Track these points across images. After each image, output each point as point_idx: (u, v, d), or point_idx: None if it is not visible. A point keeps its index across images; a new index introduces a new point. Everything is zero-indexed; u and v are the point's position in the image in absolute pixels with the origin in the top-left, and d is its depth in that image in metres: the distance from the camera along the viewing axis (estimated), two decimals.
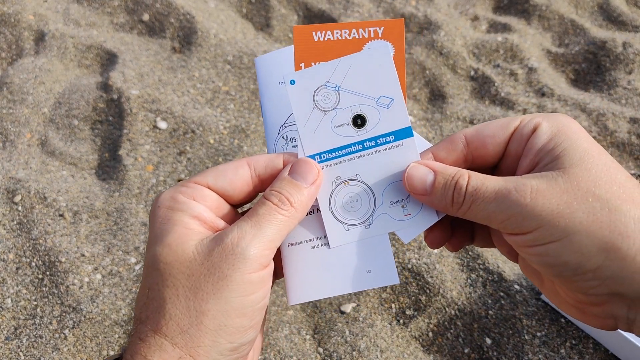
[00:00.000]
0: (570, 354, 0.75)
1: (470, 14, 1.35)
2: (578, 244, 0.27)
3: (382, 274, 0.34)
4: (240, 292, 0.29)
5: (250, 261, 0.30)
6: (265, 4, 1.33)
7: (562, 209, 0.28)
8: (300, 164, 0.34)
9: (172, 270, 0.30)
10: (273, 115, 0.38)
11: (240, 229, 0.30)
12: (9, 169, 0.95)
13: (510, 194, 0.29)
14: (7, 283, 0.81)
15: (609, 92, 1.14)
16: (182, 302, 0.29)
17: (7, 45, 1.19)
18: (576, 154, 0.29)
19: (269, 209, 0.32)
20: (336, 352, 0.75)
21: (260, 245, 0.30)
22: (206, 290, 0.29)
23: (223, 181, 0.33)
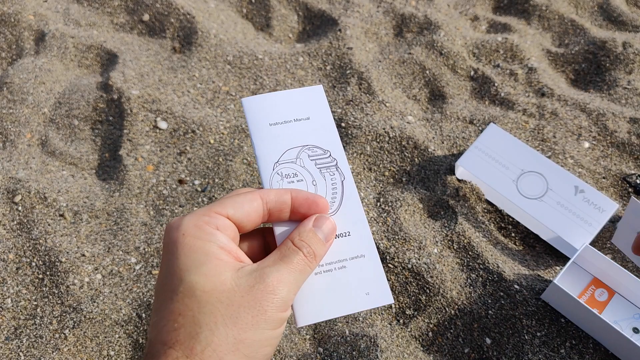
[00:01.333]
0: (570, 354, 0.75)
1: (470, 14, 1.35)
2: None
3: (379, 295, 0.39)
4: (272, 325, 0.33)
5: (285, 302, 0.34)
6: (265, 4, 1.33)
7: None
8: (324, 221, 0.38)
9: (211, 299, 0.32)
10: (266, 153, 0.42)
11: (279, 272, 0.34)
12: (9, 169, 0.95)
13: None
14: (7, 283, 0.81)
15: (609, 92, 1.14)
16: (221, 330, 0.32)
17: (7, 45, 1.19)
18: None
19: (301, 259, 0.36)
20: (336, 352, 0.75)
21: (292, 290, 0.35)
22: (246, 321, 0.32)
23: (241, 213, 0.36)
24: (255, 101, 0.44)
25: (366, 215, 0.90)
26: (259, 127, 0.43)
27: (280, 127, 0.43)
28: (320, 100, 0.45)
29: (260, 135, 0.42)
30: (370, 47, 1.25)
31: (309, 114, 0.44)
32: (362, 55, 1.20)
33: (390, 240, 0.86)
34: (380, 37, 1.29)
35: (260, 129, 0.43)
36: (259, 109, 0.43)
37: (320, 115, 0.44)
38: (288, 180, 0.41)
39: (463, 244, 0.87)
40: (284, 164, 0.42)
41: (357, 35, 1.25)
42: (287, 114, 0.43)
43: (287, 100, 0.44)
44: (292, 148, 0.42)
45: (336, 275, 0.39)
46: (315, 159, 0.42)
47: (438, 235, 0.88)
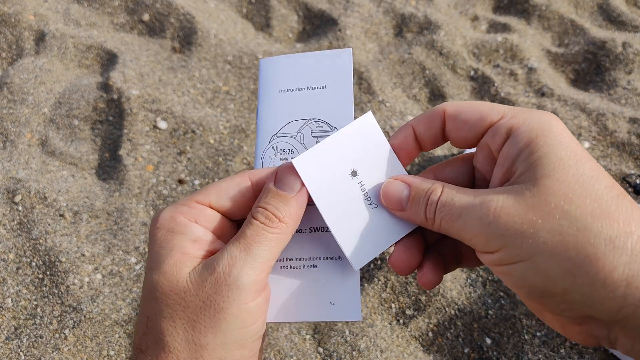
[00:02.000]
0: (570, 354, 0.75)
1: (470, 14, 1.35)
2: (543, 265, 0.25)
3: (345, 308, 0.33)
4: (238, 324, 0.28)
5: (245, 290, 0.28)
6: (265, 4, 1.33)
7: (525, 227, 0.25)
8: (284, 172, 0.31)
9: (169, 301, 0.28)
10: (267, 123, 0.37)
11: (230, 254, 0.29)
12: (9, 169, 0.95)
13: (475, 211, 0.27)
14: (8, 283, 0.81)
15: (609, 92, 1.14)
16: (181, 335, 0.28)
17: (7, 45, 1.19)
18: (550, 163, 0.26)
19: (256, 229, 0.30)
20: (336, 352, 0.76)
21: (253, 271, 0.28)
22: (203, 323, 0.28)
23: (225, 200, 0.32)
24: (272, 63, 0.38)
25: None
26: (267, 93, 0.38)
27: (289, 95, 0.37)
28: (344, 67, 0.37)
29: (266, 103, 0.37)
30: (370, 47, 1.25)
31: (325, 82, 0.37)
32: (362, 55, 1.20)
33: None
34: (380, 37, 1.29)
35: (269, 95, 0.37)
36: (274, 73, 0.38)
37: (338, 84, 0.37)
38: (282, 156, 0.36)
39: None
40: (282, 137, 0.37)
41: (357, 35, 1.25)
42: (301, 80, 0.37)
43: (307, 64, 0.38)
44: (295, 120, 0.37)
45: (303, 274, 0.34)
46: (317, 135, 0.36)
47: None
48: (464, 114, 0.31)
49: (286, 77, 0.38)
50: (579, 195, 0.25)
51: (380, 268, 0.83)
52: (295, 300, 0.33)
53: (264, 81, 0.38)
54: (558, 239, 0.25)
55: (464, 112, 0.31)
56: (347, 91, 0.37)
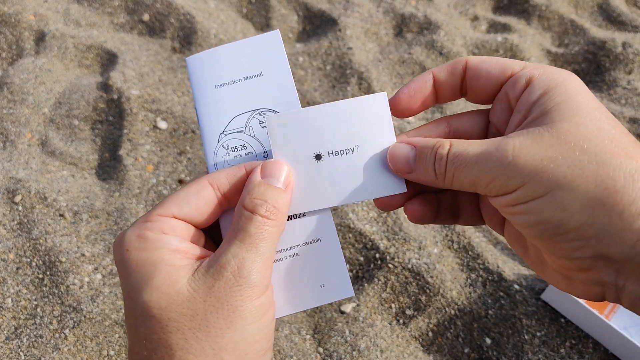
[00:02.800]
0: (570, 354, 0.75)
1: (470, 14, 1.35)
2: (560, 199, 0.25)
3: (337, 287, 0.33)
4: (253, 318, 0.28)
5: (257, 287, 0.29)
6: (265, 4, 1.33)
7: (545, 164, 0.26)
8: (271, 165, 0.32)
9: (171, 314, 0.28)
10: (211, 122, 0.35)
11: (237, 256, 0.29)
12: (9, 169, 0.95)
13: (491, 155, 0.27)
14: (8, 283, 0.81)
15: (609, 92, 1.14)
16: (194, 344, 0.27)
17: (7, 45, 1.19)
18: (568, 109, 0.27)
19: (259, 224, 0.29)
20: (336, 352, 0.76)
21: (261, 268, 0.29)
22: (218, 326, 0.28)
23: (188, 208, 0.31)
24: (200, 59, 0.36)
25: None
26: (203, 90, 0.36)
27: (227, 89, 0.36)
28: (276, 51, 0.36)
29: (204, 101, 0.36)
30: (370, 47, 1.25)
31: (261, 68, 0.36)
32: (362, 55, 1.20)
33: (390, 240, 0.86)
34: (380, 37, 1.29)
35: (205, 93, 0.36)
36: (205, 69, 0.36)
37: (275, 69, 0.36)
38: (235, 153, 0.35)
39: (463, 244, 0.87)
40: (230, 134, 0.35)
41: (357, 35, 1.25)
42: (235, 71, 0.36)
43: (237, 54, 0.36)
44: (240, 114, 0.35)
45: (287, 266, 0.33)
46: None
47: (438, 235, 0.89)
48: (486, 64, 0.31)
49: (219, 71, 0.36)
50: (596, 136, 0.26)
51: (380, 268, 0.83)
52: (287, 293, 0.33)
53: (196, 80, 0.36)
54: (578, 172, 0.25)
55: (486, 63, 0.31)
56: (286, 74, 0.36)
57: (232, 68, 0.36)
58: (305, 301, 0.33)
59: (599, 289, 0.27)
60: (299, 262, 0.34)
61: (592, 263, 0.26)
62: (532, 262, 0.32)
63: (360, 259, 0.85)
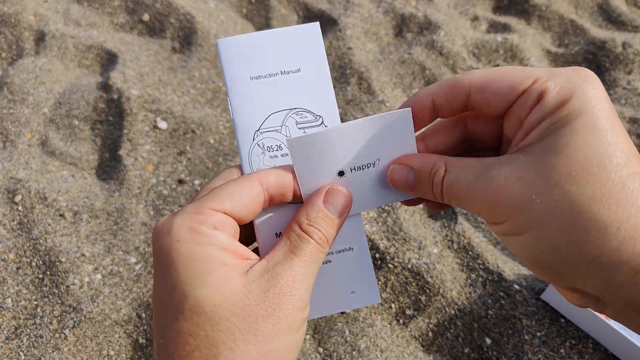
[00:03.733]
0: (570, 354, 0.75)
1: (470, 14, 1.35)
2: (535, 239, 0.27)
3: (366, 294, 0.35)
4: (295, 328, 0.30)
5: (303, 301, 0.30)
6: (265, 4, 1.33)
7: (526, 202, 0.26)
8: (335, 194, 0.32)
9: (224, 313, 0.28)
10: (246, 117, 0.34)
11: (293, 269, 0.30)
12: (9, 169, 0.95)
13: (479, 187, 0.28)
14: (8, 283, 0.81)
15: (609, 92, 1.14)
16: (241, 346, 0.28)
17: (7, 45, 1.19)
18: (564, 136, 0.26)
19: (314, 249, 0.31)
20: (336, 352, 0.76)
21: (309, 285, 0.31)
22: (267, 331, 0.28)
23: (240, 206, 0.31)
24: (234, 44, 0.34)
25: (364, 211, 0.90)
26: (237, 81, 0.34)
27: (263, 83, 0.34)
28: (315, 45, 0.35)
29: (239, 94, 0.34)
30: (370, 47, 1.25)
31: (299, 64, 0.35)
32: (362, 55, 1.20)
33: (390, 240, 0.86)
34: (380, 37, 1.29)
35: (239, 84, 0.34)
36: (239, 57, 0.34)
37: (313, 66, 0.35)
38: (270, 154, 0.34)
39: (463, 244, 0.87)
40: (266, 132, 0.34)
41: (357, 35, 1.25)
42: (272, 64, 0.34)
43: (274, 43, 0.35)
44: (277, 112, 0.34)
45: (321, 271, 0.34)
46: (303, 126, 0.35)
47: (438, 235, 0.89)
48: (493, 84, 0.30)
49: (255, 61, 0.34)
50: (583, 174, 0.25)
51: (380, 268, 0.83)
52: (320, 296, 0.34)
53: (229, 67, 0.34)
54: (552, 218, 0.26)
55: (493, 83, 0.30)
56: (324, 73, 0.35)
57: (269, 60, 0.34)
58: (337, 305, 0.35)
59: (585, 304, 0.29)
60: (331, 269, 0.35)
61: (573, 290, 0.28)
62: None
63: None
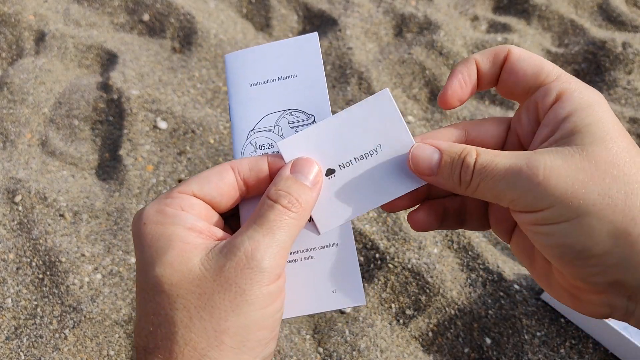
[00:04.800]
0: (570, 354, 0.75)
1: (470, 14, 1.35)
2: (588, 226, 0.26)
3: (349, 294, 0.33)
4: (259, 305, 0.28)
5: (268, 273, 0.28)
6: (265, 4, 1.33)
7: (576, 188, 0.26)
8: (302, 162, 0.32)
9: (180, 291, 0.28)
10: (242, 119, 0.36)
11: (252, 239, 0.28)
12: (9, 169, 0.95)
13: (521, 172, 0.27)
14: (8, 283, 0.81)
15: (609, 92, 1.14)
16: (197, 324, 0.27)
17: (7, 45, 1.19)
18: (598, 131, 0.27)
19: (279, 213, 0.29)
20: (336, 352, 0.76)
21: (275, 254, 0.29)
22: (223, 307, 0.27)
23: (209, 188, 0.31)
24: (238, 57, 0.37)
25: None
26: (237, 88, 0.37)
27: (261, 88, 0.37)
28: (313, 53, 0.38)
29: (237, 98, 0.37)
30: (370, 47, 1.25)
31: (296, 70, 0.37)
32: (362, 55, 1.20)
33: (390, 240, 0.86)
34: (380, 37, 1.29)
35: (239, 90, 0.37)
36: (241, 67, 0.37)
37: (309, 71, 0.37)
38: (262, 151, 0.36)
39: (463, 244, 0.87)
40: (259, 132, 0.36)
41: (357, 35, 1.25)
42: (271, 71, 0.37)
43: (274, 54, 0.37)
44: (271, 113, 0.36)
45: (300, 267, 0.33)
46: (295, 125, 0.36)
47: (438, 235, 0.89)
48: (525, 61, 0.31)
49: (255, 70, 0.37)
50: (625, 163, 0.26)
51: (380, 268, 0.83)
52: (297, 294, 0.33)
53: (232, 76, 0.37)
54: (607, 201, 0.25)
55: (525, 60, 0.31)
56: (319, 77, 0.37)
57: (267, 68, 0.37)
58: (315, 305, 0.33)
59: (607, 310, 0.28)
60: (313, 265, 0.33)
61: (606, 287, 0.27)
62: (537, 276, 0.32)
63: (360, 259, 0.85)
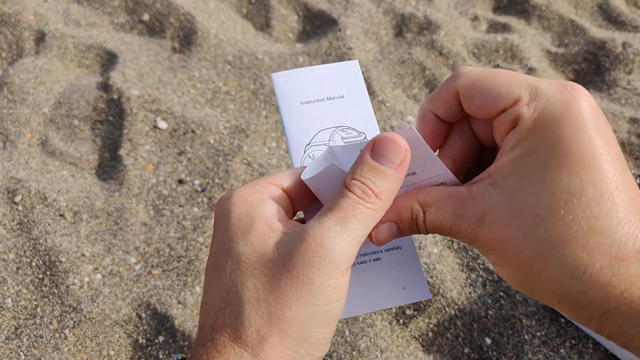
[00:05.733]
0: (570, 354, 0.75)
1: (470, 14, 1.35)
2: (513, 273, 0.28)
3: (416, 290, 0.36)
4: (325, 299, 0.27)
5: (337, 264, 0.27)
6: (265, 4, 1.33)
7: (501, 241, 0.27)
8: (384, 142, 0.29)
9: (254, 272, 0.27)
10: (297, 134, 0.39)
11: (323, 226, 0.27)
12: (9, 169, 0.95)
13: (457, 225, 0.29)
14: (8, 283, 0.81)
15: (609, 92, 1.14)
16: (263, 307, 0.26)
17: (7, 45, 1.19)
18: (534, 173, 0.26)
19: (352, 202, 0.28)
20: (336, 352, 0.76)
21: (346, 244, 0.27)
22: (289, 295, 0.26)
23: (295, 184, 0.32)
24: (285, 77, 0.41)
25: None
26: (289, 105, 0.40)
27: (312, 106, 0.40)
28: (356, 77, 0.41)
29: (291, 115, 0.40)
30: (370, 47, 1.25)
31: (343, 91, 0.41)
32: (362, 55, 1.20)
33: None
34: (380, 37, 1.29)
35: (291, 107, 0.40)
36: (290, 86, 0.41)
37: (355, 93, 0.41)
38: None
39: (463, 244, 0.87)
40: (315, 146, 0.39)
41: (357, 35, 1.25)
42: (319, 91, 0.41)
43: (320, 76, 0.41)
44: (324, 129, 0.39)
45: (370, 268, 0.36)
46: (349, 141, 0.39)
47: (438, 235, 0.89)
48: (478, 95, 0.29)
49: (304, 90, 0.40)
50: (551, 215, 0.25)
51: None
52: (370, 292, 0.36)
53: (282, 95, 0.40)
54: (525, 260, 0.27)
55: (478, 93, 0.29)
56: (365, 99, 0.40)
57: (316, 88, 0.41)
58: (388, 301, 0.36)
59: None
60: (381, 266, 0.36)
61: None
62: None
63: None
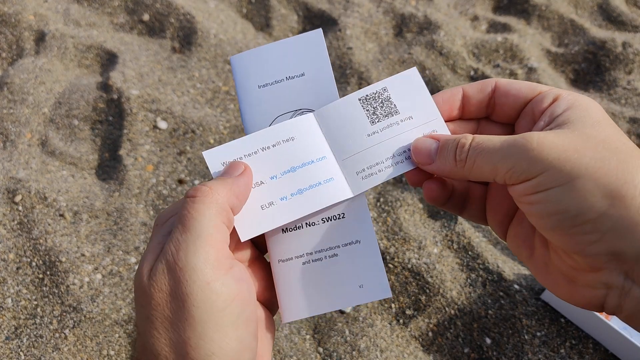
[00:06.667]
0: (570, 354, 0.75)
1: (470, 14, 1.35)
2: (581, 188, 0.26)
3: (375, 288, 0.34)
4: (208, 308, 0.26)
5: (201, 270, 0.26)
6: (265, 4, 1.33)
7: (569, 154, 0.27)
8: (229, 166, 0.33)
9: (151, 302, 0.27)
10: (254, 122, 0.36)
11: (172, 239, 0.27)
12: (9, 169, 0.95)
13: (516, 142, 0.28)
14: (8, 283, 0.81)
15: (609, 92, 1.14)
16: (164, 336, 0.26)
17: (7, 45, 1.19)
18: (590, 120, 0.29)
19: (185, 204, 0.28)
20: (336, 352, 0.76)
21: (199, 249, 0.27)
22: (177, 317, 0.26)
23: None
24: (244, 58, 0.37)
25: None
26: (246, 90, 0.37)
27: (270, 89, 0.36)
28: (319, 50, 0.37)
29: (247, 101, 0.36)
30: (370, 47, 1.25)
31: (303, 68, 0.37)
32: (362, 55, 1.20)
33: (390, 240, 0.86)
34: (380, 37, 1.29)
35: (248, 92, 0.36)
36: (248, 69, 0.37)
37: (316, 68, 0.36)
38: None
39: (463, 244, 0.87)
40: None
41: (357, 35, 1.25)
42: (278, 71, 0.37)
43: (280, 53, 0.37)
44: (283, 114, 0.36)
45: (326, 265, 0.34)
46: None
47: (438, 235, 0.89)
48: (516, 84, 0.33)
49: (262, 71, 0.37)
50: (616, 139, 0.27)
51: None
52: (326, 291, 0.34)
53: (239, 79, 0.37)
54: (600, 164, 0.26)
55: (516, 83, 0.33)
56: (327, 74, 0.36)
57: (275, 68, 0.37)
58: (344, 300, 0.34)
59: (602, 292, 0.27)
60: (338, 262, 0.34)
61: (604, 262, 0.26)
62: (536, 266, 0.32)
63: None
